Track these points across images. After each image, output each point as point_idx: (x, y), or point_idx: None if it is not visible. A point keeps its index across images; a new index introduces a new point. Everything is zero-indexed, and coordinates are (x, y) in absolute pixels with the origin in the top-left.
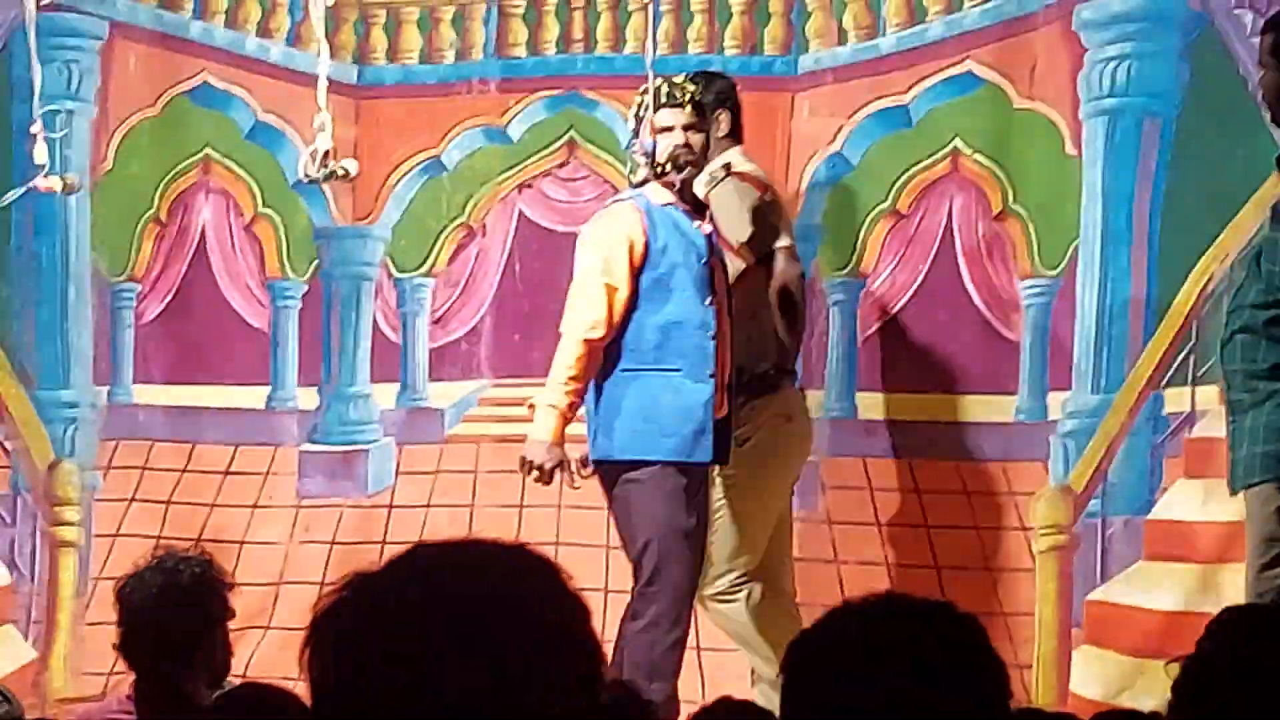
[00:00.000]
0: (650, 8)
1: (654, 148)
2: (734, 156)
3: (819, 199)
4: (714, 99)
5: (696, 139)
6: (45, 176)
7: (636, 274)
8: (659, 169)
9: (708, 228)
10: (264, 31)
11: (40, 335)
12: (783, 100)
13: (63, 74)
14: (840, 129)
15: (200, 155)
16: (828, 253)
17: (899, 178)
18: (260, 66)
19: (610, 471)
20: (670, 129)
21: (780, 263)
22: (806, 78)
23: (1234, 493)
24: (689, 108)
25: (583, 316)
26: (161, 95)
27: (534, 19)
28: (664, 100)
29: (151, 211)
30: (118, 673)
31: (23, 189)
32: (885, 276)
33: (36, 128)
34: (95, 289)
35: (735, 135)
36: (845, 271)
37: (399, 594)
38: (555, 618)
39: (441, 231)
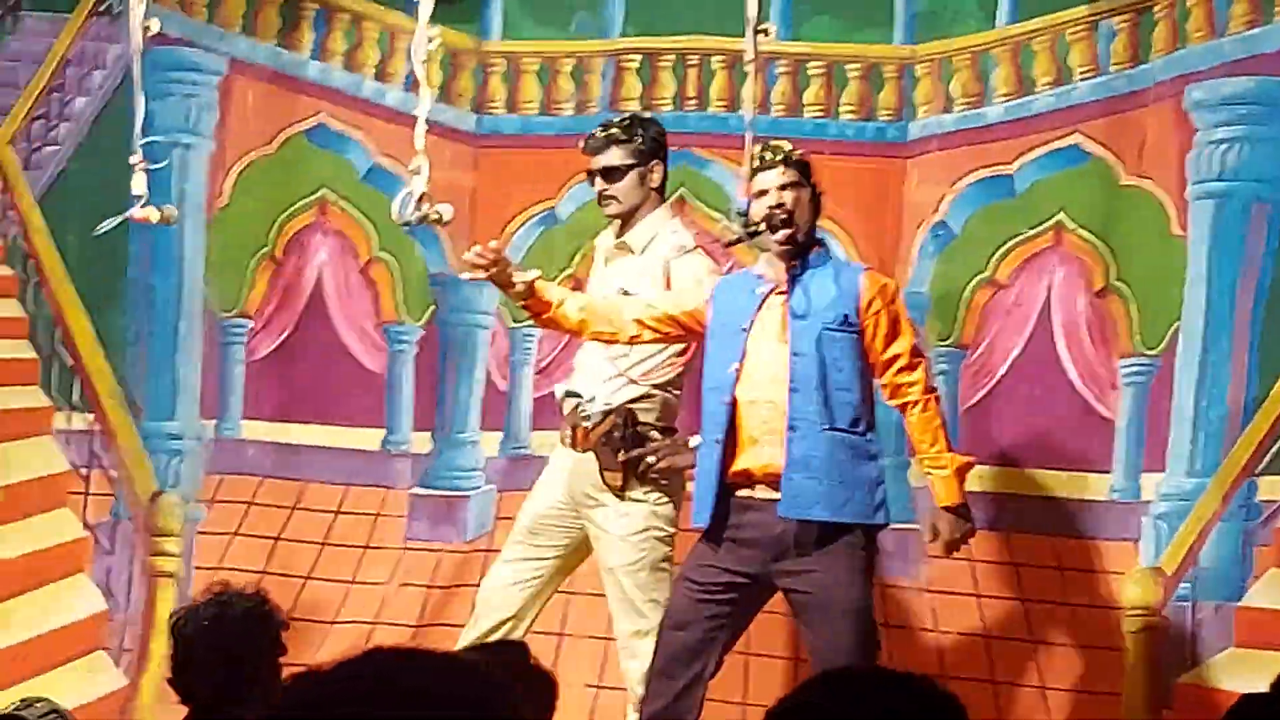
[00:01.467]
0: (763, 69)
1: (748, 209)
2: (679, 228)
3: (926, 268)
4: (651, 145)
5: (793, 196)
6: (143, 206)
7: None
8: (752, 230)
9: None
10: (381, 75)
11: (151, 367)
12: (895, 167)
13: (181, 108)
14: (944, 197)
15: (317, 195)
16: (933, 322)
17: (999, 248)
18: (377, 109)
19: None
20: (765, 192)
21: None
22: (916, 144)
23: None
24: (782, 168)
25: None
26: (278, 134)
27: (649, 75)
28: (759, 163)
29: (266, 249)
30: None
31: (119, 218)
32: (984, 347)
33: (136, 158)
34: (205, 323)
35: (662, 190)
36: (949, 342)
37: (338, 692)
38: None
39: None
